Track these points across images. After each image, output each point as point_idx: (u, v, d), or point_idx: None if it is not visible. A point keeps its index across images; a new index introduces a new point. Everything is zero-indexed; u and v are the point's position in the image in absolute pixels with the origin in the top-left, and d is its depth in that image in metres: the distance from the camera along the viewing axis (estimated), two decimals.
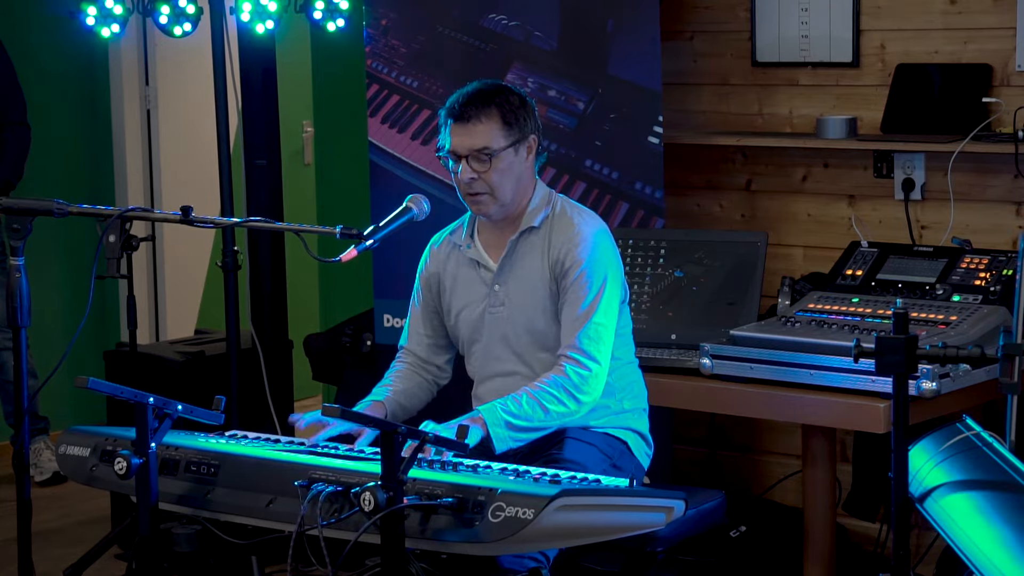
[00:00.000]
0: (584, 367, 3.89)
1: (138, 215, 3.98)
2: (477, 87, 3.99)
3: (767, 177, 5.47)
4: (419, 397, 4.18)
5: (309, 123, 7.87)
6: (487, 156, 3.92)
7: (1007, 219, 5.02)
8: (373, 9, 5.61)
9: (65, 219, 3.90)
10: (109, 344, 6.57)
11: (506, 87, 4.02)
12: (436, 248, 4.20)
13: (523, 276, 4.03)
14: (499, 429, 3.81)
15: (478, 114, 3.93)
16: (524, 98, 4.01)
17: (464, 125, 3.93)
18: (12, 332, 3.88)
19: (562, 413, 3.88)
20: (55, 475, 6.57)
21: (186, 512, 3.64)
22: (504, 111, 3.94)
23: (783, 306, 4.82)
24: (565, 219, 4.03)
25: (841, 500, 5.17)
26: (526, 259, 4.03)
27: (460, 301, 4.12)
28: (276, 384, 5.80)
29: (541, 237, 4.02)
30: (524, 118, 3.98)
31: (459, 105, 3.95)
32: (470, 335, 4.11)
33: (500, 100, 3.95)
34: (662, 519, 3.43)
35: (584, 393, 3.90)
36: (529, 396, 3.86)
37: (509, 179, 3.97)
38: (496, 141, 3.93)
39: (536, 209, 4.04)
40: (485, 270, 4.08)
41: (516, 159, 3.97)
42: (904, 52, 5.17)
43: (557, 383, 3.88)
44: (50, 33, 7.02)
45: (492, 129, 3.93)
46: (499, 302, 4.04)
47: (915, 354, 3.25)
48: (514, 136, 3.96)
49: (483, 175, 3.94)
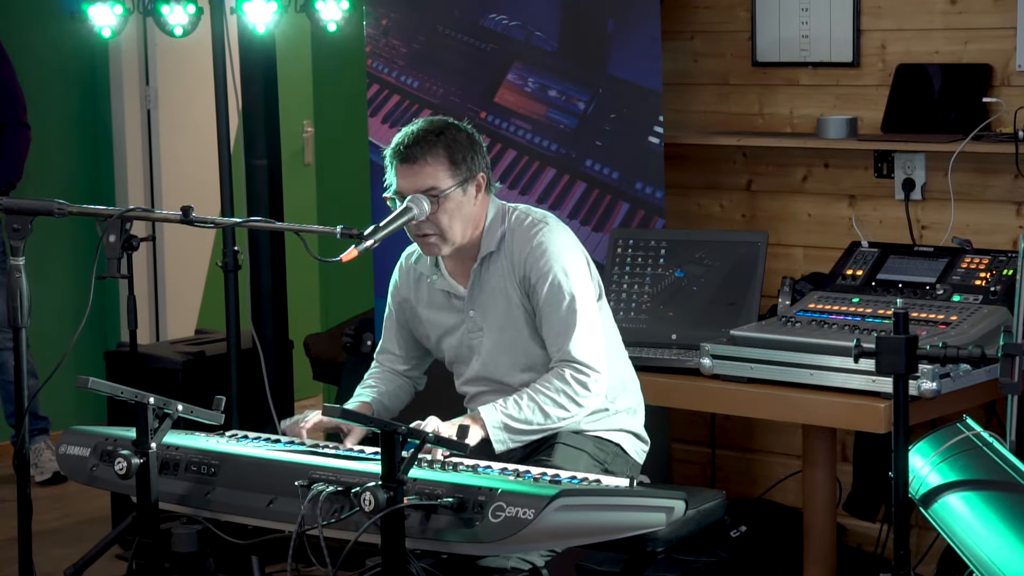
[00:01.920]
0: (583, 373, 3.87)
1: (138, 215, 3.98)
2: (422, 126, 3.87)
3: (767, 177, 5.46)
4: (400, 398, 4.18)
5: (309, 123, 7.88)
6: (435, 197, 3.83)
7: (1007, 219, 5.02)
8: (373, 9, 5.61)
9: (65, 219, 3.90)
10: (109, 344, 6.57)
11: (453, 125, 3.91)
12: (404, 270, 4.13)
13: (494, 299, 3.98)
14: (498, 431, 3.81)
15: (424, 154, 3.82)
16: (472, 136, 3.91)
17: (411, 166, 3.83)
18: (12, 332, 3.88)
19: (562, 416, 3.87)
20: (55, 475, 6.57)
21: (186, 512, 3.64)
22: (452, 151, 3.84)
23: (783, 306, 4.82)
24: (520, 232, 3.94)
25: (841, 500, 5.17)
26: (493, 282, 3.97)
27: (438, 328, 4.08)
28: (276, 384, 5.80)
29: (504, 257, 3.96)
30: (472, 156, 3.88)
31: (404, 146, 3.84)
32: (454, 358, 4.09)
33: (447, 139, 3.85)
34: (662, 519, 3.43)
35: (583, 396, 3.88)
36: (530, 398, 3.85)
37: (458, 219, 3.88)
38: (443, 181, 3.84)
39: (491, 231, 3.95)
40: (456, 298, 4.03)
41: (464, 199, 3.88)
42: (904, 52, 5.17)
43: (556, 387, 3.87)
44: (50, 33, 7.03)
45: (439, 169, 3.83)
46: (476, 327, 4.01)
47: (915, 354, 3.25)
48: (462, 175, 3.86)
49: (431, 216, 3.84)
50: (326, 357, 6.23)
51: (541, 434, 3.88)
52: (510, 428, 3.82)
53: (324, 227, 3.79)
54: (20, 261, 3.79)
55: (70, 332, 6.88)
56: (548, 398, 3.85)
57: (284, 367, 6.00)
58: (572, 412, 3.88)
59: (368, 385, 4.14)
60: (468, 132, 3.92)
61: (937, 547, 4.97)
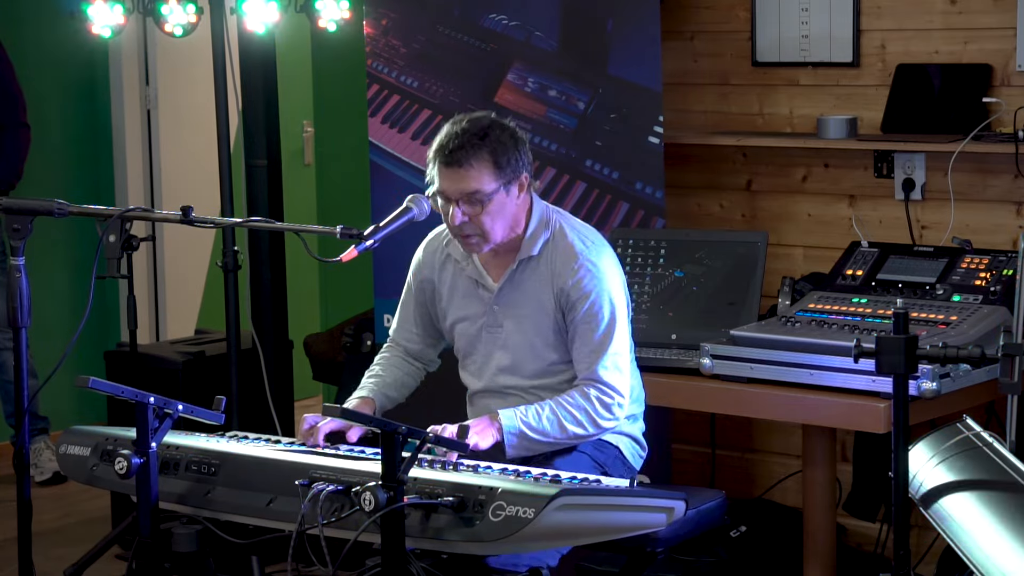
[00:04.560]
0: (608, 396, 3.88)
1: (138, 215, 3.98)
2: (467, 126, 3.85)
3: (767, 177, 5.46)
4: (408, 384, 4.16)
5: (309, 123, 7.88)
6: (478, 200, 3.84)
7: (1007, 219, 5.02)
8: (373, 9, 5.61)
9: (65, 219, 3.90)
10: (109, 344, 6.57)
11: (497, 123, 3.89)
12: (431, 251, 4.13)
13: (524, 303, 3.98)
14: (513, 436, 3.80)
15: (468, 158, 3.81)
16: (515, 133, 3.91)
17: (455, 170, 3.82)
18: (12, 332, 3.88)
19: (579, 435, 3.88)
20: (55, 475, 6.57)
21: (187, 512, 3.64)
22: (496, 154, 3.83)
23: (783, 306, 4.82)
24: (565, 244, 3.95)
25: (841, 500, 5.17)
26: (528, 287, 3.97)
27: (457, 312, 4.08)
28: (276, 384, 5.80)
29: (544, 265, 3.96)
30: (516, 158, 3.87)
31: (448, 150, 3.82)
32: (466, 347, 4.09)
33: (491, 140, 3.83)
34: (663, 519, 3.43)
35: (606, 420, 3.89)
36: (551, 412, 3.85)
37: (501, 220, 3.88)
38: (487, 184, 3.84)
39: (534, 235, 3.96)
40: (484, 289, 4.03)
41: (508, 200, 3.88)
42: (904, 52, 5.17)
43: (580, 406, 3.87)
44: (50, 33, 7.02)
45: (483, 172, 3.83)
46: (498, 323, 4.01)
47: (915, 354, 3.25)
48: (505, 177, 3.85)
49: (474, 218, 3.85)
50: (326, 357, 6.23)
51: (553, 448, 3.88)
52: (525, 436, 3.82)
53: (324, 227, 3.79)
54: (20, 261, 3.79)
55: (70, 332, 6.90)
56: (569, 414, 3.86)
57: (284, 367, 6.00)
58: (589, 432, 3.88)
59: (373, 374, 4.13)
60: (512, 131, 3.90)
61: (937, 547, 4.97)
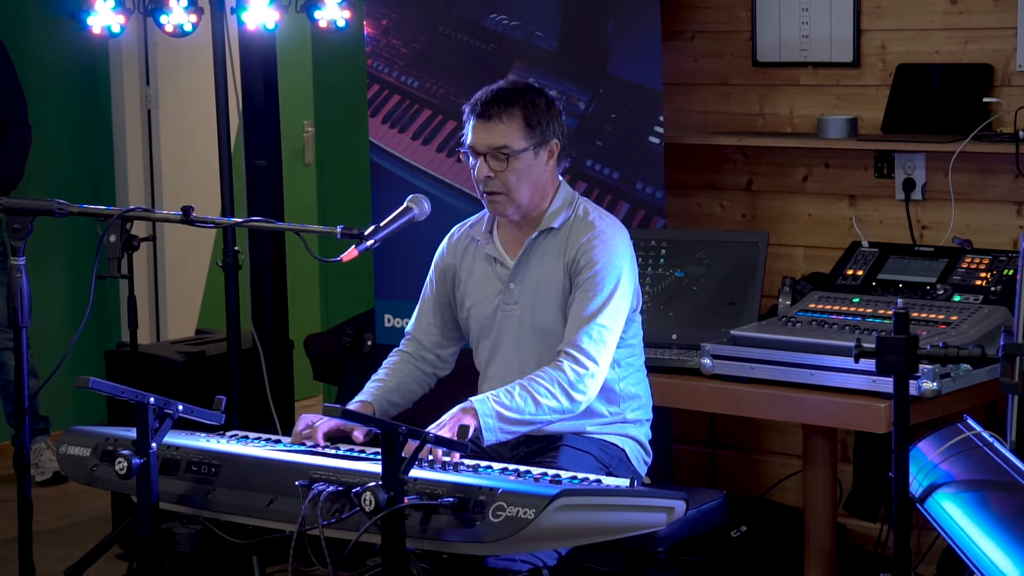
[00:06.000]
0: (581, 366, 3.86)
1: (139, 215, 3.98)
2: (504, 86, 3.98)
3: (768, 177, 5.47)
4: (413, 391, 4.16)
5: (310, 123, 7.88)
6: (505, 156, 3.90)
7: (1008, 219, 5.02)
8: (373, 9, 5.61)
9: (66, 219, 3.90)
10: (110, 344, 6.57)
11: (534, 88, 3.99)
12: (454, 240, 4.18)
13: (539, 276, 4.01)
14: (490, 420, 3.78)
15: (500, 113, 3.91)
16: (551, 101, 3.98)
17: (486, 123, 3.91)
18: (13, 332, 3.89)
19: (554, 408, 3.84)
20: (56, 475, 6.57)
21: (187, 512, 3.64)
22: (528, 113, 3.92)
23: (784, 306, 4.82)
24: (586, 222, 4.00)
25: (842, 500, 5.17)
26: (543, 260, 4.01)
27: (474, 296, 4.10)
28: (277, 384, 5.81)
29: (560, 239, 4.00)
30: (548, 122, 3.95)
31: (482, 103, 3.93)
32: (480, 330, 4.10)
33: (525, 101, 3.93)
34: (663, 519, 3.43)
35: (578, 391, 3.86)
36: (522, 388, 3.83)
37: (526, 181, 3.94)
38: (516, 142, 3.91)
39: (557, 211, 4.01)
40: (501, 267, 4.06)
41: (535, 162, 3.94)
42: (905, 52, 5.17)
43: (552, 378, 3.85)
44: (51, 33, 7.03)
45: (513, 129, 3.91)
46: (513, 300, 4.03)
47: (916, 354, 3.25)
48: (535, 139, 3.93)
49: (500, 174, 3.92)
50: (326, 357, 6.23)
51: (531, 427, 3.84)
52: (502, 417, 3.78)
53: (324, 227, 3.80)
54: (20, 261, 3.79)
55: (70, 332, 6.91)
56: (542, 387, 3.83)
57: (284, 367, 6.00)
58: (563, 405, 3.84)
59: (378, 378, 4.13)
60: (548, 98, 3.99)
61: (937, 547, 4.97)
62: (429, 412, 3.89)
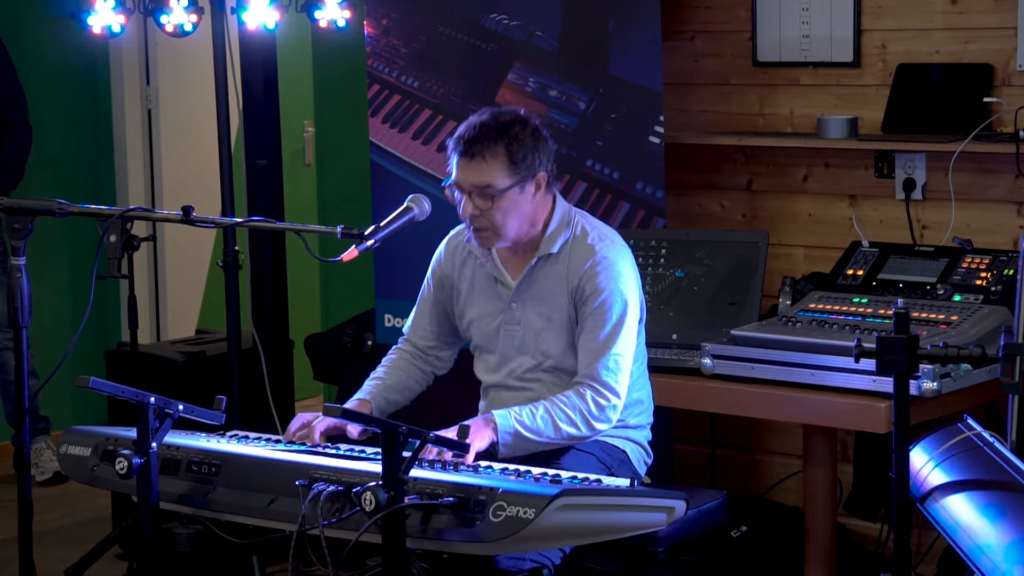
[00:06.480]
0: (604, 398, 3.88)
1: (139, 215, 3.98)
2: (487, 120, 3.88)
3: (768, 177, 5.46)
4: (411, 388, 4.16)
5: (310, 123, 7.87)
6: (489, 194, 3.86)
7: (1008, 219, 5.02)
8: (373, 9, 5.61)
9: (66, 219, 3.91)
10: (110, 344, 6.57)
11: (519, 120, 3.91)
12: (452, 247, 4.14)
13: (541, 301, 3.99)
14: (508, 437, 3.80)
15: (483, 151, 3.84)
16: (537, 130, 3.92)
17: (469, 161, 3.85)
18: (13, 332, 3.89)
19: (572, 435, 3.87)
20: (56, 475, 6.56)
21: (187, 512, 3.64)
22: (512, 149, 3.85)
23: (784, 306, 4.82)
24: (585, 246, 3.96)
25: (842, 500, 5.17)
26: (545, 285, 3.99)
27: (475, 310, 4.09)
28: (277, 384, 5.80)
29: (561, 263, 3.97)
30: (534, 155, 3.88)
31: (465, 140, 3.86)
32: (483, 344, 4.09)
33: (509, 137, 3.85)
34: (663, 519, 3.43)
35: (600, 421, 3.89)
36: (545, 411, 3.84)
37: (513, 217, 3.90)
38: (500, 180, 3.86)
39: (554, 234, 3.98)
40: (503, 286, 4.04)
41: (521, 197, 3.89)
42: (905, 52, 5.17)
43: (575, 405, 3.86)
44: (51, 33, 7.02)
45: (497, 168, 3.85)
46: (515, 321, 4.02)
47: (916, 354, 3.25)
48: (520, 175, 3.87)
49: (485, 212, 3.87)
50: (326, 357, 6.23)
51: (546, 448, 3.88)
52: (520, 436, 3.81)
53: (324, 227, 3.80)
54: (21, 261, 3.79)
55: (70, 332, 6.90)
56: (564, 413, 3.85)
57: (284, 367, 6.00)
58: (583, 433, 3.88)
59: (375, 377, 4.13)
60: (533, 129, 3.91)
61: (938, 547, 4.97)
62: (429, 412, 3.89)
